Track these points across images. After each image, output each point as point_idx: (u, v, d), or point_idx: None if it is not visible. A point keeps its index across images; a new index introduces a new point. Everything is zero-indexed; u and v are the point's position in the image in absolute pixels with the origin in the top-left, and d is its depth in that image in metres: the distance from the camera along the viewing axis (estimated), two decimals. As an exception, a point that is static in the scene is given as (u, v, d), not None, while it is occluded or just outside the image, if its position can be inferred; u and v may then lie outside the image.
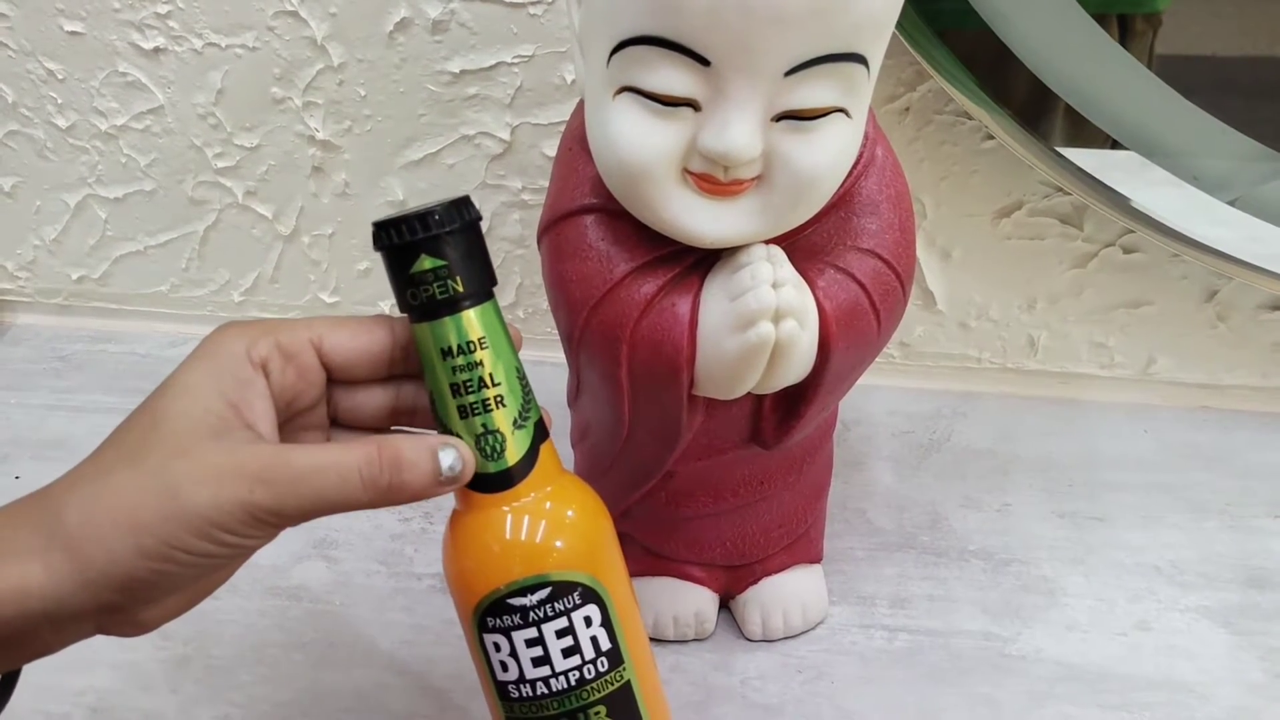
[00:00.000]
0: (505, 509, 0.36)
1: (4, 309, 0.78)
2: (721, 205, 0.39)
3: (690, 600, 0.52)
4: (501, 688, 0.37)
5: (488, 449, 0.35)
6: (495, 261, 0.36)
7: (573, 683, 0.36)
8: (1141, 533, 0.59)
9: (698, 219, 0.40)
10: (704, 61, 0.36)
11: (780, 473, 0.49)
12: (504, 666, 0.37)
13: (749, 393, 0.43)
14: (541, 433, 0.37)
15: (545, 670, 0.36)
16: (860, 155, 0.43)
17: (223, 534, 0.32)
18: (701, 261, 0.42)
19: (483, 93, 0.64)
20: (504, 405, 0.35)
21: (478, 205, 0.36)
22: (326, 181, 0.69)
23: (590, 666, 0.37)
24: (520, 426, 0.36)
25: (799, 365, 0.42)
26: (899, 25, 0.40)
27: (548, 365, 0.53)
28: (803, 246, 0.43)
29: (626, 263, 0.42)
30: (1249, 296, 0.65)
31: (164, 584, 0.32)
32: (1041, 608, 0.55)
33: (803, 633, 0.53)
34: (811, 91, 0.37)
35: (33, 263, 0.75)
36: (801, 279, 0.41)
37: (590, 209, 0.43)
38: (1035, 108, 0.59)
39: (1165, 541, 0.59)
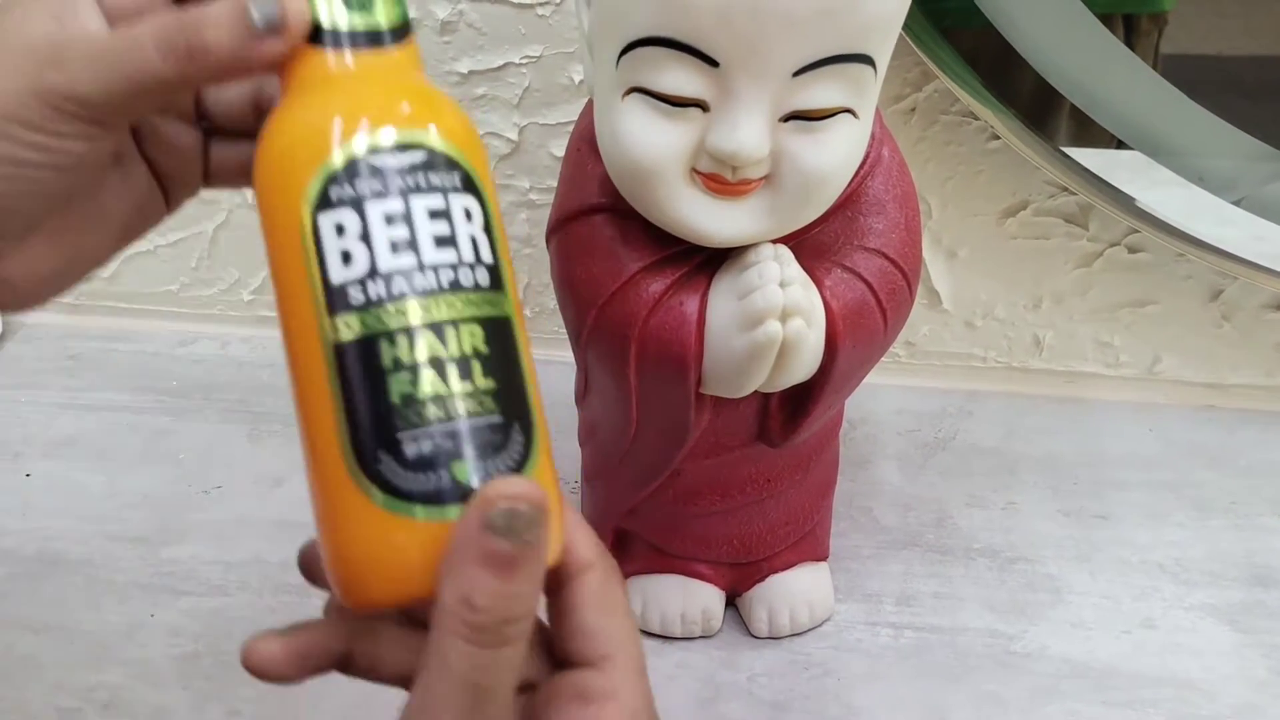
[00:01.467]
0: (381, 58, 0.29)
1: (14, 308, 0.78)
2: (729, 205, 0.40)
3: (697, 597, 0.52)
4: (337, 294, 0.27)
5: None
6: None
7: (445, 284, 0.27)
8: (1146, 531, 0.60)
9: (706, 218, 0.40)
10: (713, 62, 0.36)
11: (787, 471, 0.49)
12: (347, 258, 0.27)
13: (756, 391, 0.43)
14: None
15: (409, 259, 0.27)
16: (867, 155, 0.43)
17: (21, 130, 0.28)
18: (709, 261, 0.42)
19: (491, 93, 0.64)
20: None
21: None
22: (335, 181, 0.69)
23: (468, 271, 0.28)
24: None
25: (806, 364, 0.42)
26: (905, 25, 0.40)
27: (556, 364, 0.53)
28: (810, 246, 0.43)
29: (635, 262, 0.42)
30: (1254, 296, 0.65)
31: None
32: (1047, 605, 0.55)
33: (809, 630, 0.53)
34: (819, 92, 0.37)
35: (43, 262, 0.76)
36: (809, 278, 0.42)
37: (599, 208, 0.43)
38: (1041, 108, 0.59)
39: (1170, 540, 0.59)
